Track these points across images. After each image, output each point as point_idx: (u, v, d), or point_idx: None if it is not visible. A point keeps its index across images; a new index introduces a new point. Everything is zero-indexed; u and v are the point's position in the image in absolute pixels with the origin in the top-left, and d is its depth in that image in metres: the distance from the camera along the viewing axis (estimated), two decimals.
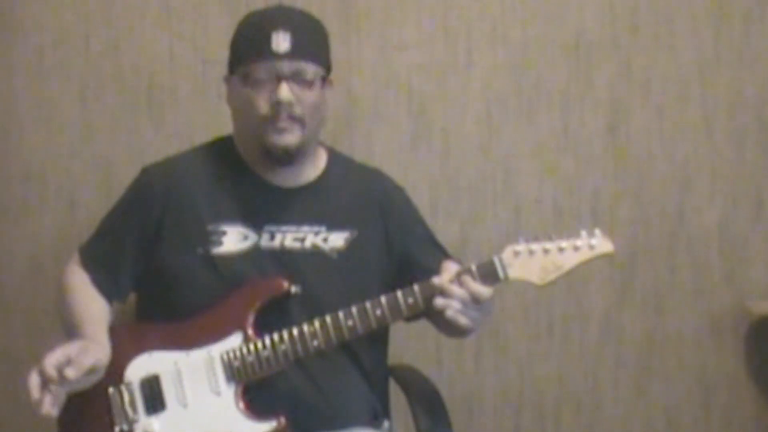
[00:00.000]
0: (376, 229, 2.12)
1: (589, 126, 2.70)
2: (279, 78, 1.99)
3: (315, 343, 1.95)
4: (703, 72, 2.70)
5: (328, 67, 2.08)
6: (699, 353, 2.73)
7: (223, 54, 2.14)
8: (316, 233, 2.07)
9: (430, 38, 2.67)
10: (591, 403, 2.73)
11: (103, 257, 2.09)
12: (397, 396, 2.24)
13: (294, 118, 2.00)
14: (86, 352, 1.88)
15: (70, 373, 1.84)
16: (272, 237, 2.05)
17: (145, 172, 2.14)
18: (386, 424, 2.15)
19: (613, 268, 2.70)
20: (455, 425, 2.08)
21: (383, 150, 2.66)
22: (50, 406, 1.84)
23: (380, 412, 2.14)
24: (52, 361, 1.84)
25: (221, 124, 2.21)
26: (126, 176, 2.18)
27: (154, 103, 2.63)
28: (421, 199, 2.61)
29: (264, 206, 2.07)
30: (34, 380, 1.84)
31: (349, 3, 2.63)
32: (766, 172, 2.72)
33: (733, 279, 2.72)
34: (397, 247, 2.13)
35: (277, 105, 1.98)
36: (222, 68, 2.14)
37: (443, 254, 2.14)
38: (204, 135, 2.26)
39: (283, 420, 1.94)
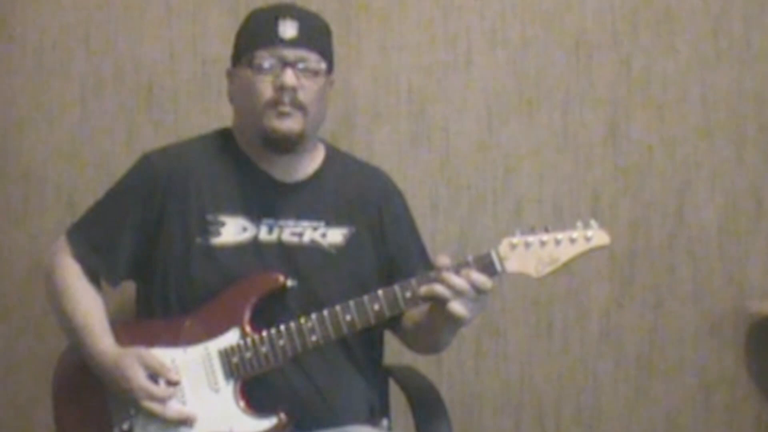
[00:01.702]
0: (372, 226, 2.12)
1: (589, 126, 2.70)
2: (284, 64, 2.00)
3: (313, 338, 1.94)
4: (703, 72, 2.70)
5: (330, 63, 2.09)
6: (699, 353, 2.73)
7: (223, 54, 2.14)
8: (315, 228, 2.07)
9: (430, 38, 2.67)
10: (591, 403, 2.73)
11: (99, 241, 2.06)
12: (397, 396, 2.24)
13: (296, 104, 2.00)
14: (148, 356, 1.94)
15: (175, 376, 1.94)
16: (270, 230, 2.05)
17: (147, 158, 2.12)
18: (385, 422, 2.15)
19: (613, 268, 2.70)
20: (455, 425, 2.08)
21: (383, 150, 2.66)
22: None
23: (377, 408, 2.14)
24: (151, 386, 1.92)
25: (221, 124, 2.21)
26: None
27: (154, 103, 2.63)
28: (421, 199, 2.62)
29: (263, 199, 2.06)
30: (161, 407, 1.93)
31: (349, 3, 2.63)
32: (766, 172, 2.72)
33: (733, 279, 2.72)
34: (391, 245, 2.13)
35: (281, 89, 1.99)
36: (222, 68, 2.14)
37: (427, 263, 2.11)
38: None
39: (284, 416, 1.93)
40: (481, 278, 1.90)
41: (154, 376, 1.93)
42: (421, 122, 2.68)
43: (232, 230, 2.04)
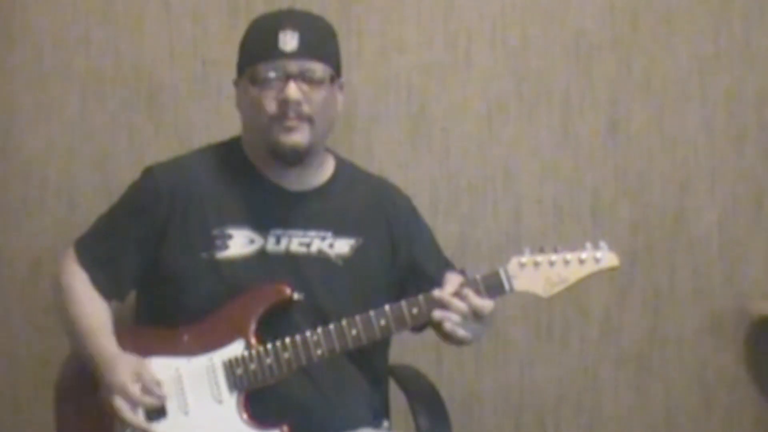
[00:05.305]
0: (381, 238, 2.10)
1: (589, 126, 2.70)
2: (287, 77, 1.98)
3: (318, 351, 1.92)
4: (703, 72, 2.70)
5: (337, 68, 2.07)
6: (699, 353, 2.73)
7: (223, 54, 2.14)
8: (323, 238, 2.05)
9: (430, 38, 2.67)
10: (591, 403, 2.73)
11: (104, 257, 2.06)
12: (397, 396, 2.24)
13: (302, 117, 1.98)
14: (143, 366, 1.93)
15: (160, 395, 1.92)
16: (278, 241, 2.04)
17: (150, 172, 2.10)
18: (385, 423, 2.15)
19: None
20: (455, 425, 2.08)
21: (383, 150, 2.66)
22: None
23: (380, 411, 2.14)
24: (131, 389, 1.90)
25: (221, 124, 2.22)
26: (126, 176, 2.18)
27: (154, 103, 2.62)
28: (421, 199, 2.61)
29: (271, 209, 2.05)
30: (137, 418, 1.90)
31: (349, 3, 2.63)
32: (766, 172, 2.72)
33: (733, 279, 2.72)
34: (403, 256, 2.12)
35: (284, 103, 1.97)
36: (222, 68, 2.14)
37: (446, 264, 2.13)
38: (204, 135, 2.26)
39: (286, 429, 1.92)
40: (479, 302, 1.90)
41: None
42: (421, 122, 2.68)
43: (239, 243, 2.02)
